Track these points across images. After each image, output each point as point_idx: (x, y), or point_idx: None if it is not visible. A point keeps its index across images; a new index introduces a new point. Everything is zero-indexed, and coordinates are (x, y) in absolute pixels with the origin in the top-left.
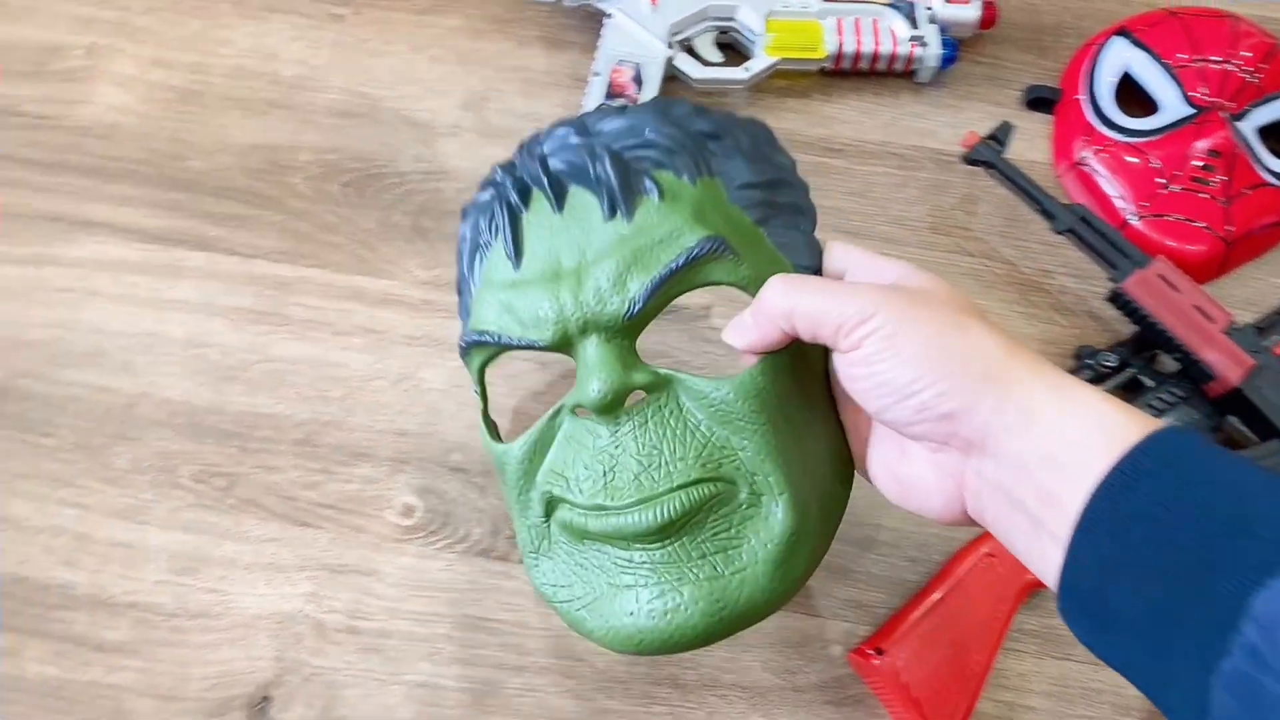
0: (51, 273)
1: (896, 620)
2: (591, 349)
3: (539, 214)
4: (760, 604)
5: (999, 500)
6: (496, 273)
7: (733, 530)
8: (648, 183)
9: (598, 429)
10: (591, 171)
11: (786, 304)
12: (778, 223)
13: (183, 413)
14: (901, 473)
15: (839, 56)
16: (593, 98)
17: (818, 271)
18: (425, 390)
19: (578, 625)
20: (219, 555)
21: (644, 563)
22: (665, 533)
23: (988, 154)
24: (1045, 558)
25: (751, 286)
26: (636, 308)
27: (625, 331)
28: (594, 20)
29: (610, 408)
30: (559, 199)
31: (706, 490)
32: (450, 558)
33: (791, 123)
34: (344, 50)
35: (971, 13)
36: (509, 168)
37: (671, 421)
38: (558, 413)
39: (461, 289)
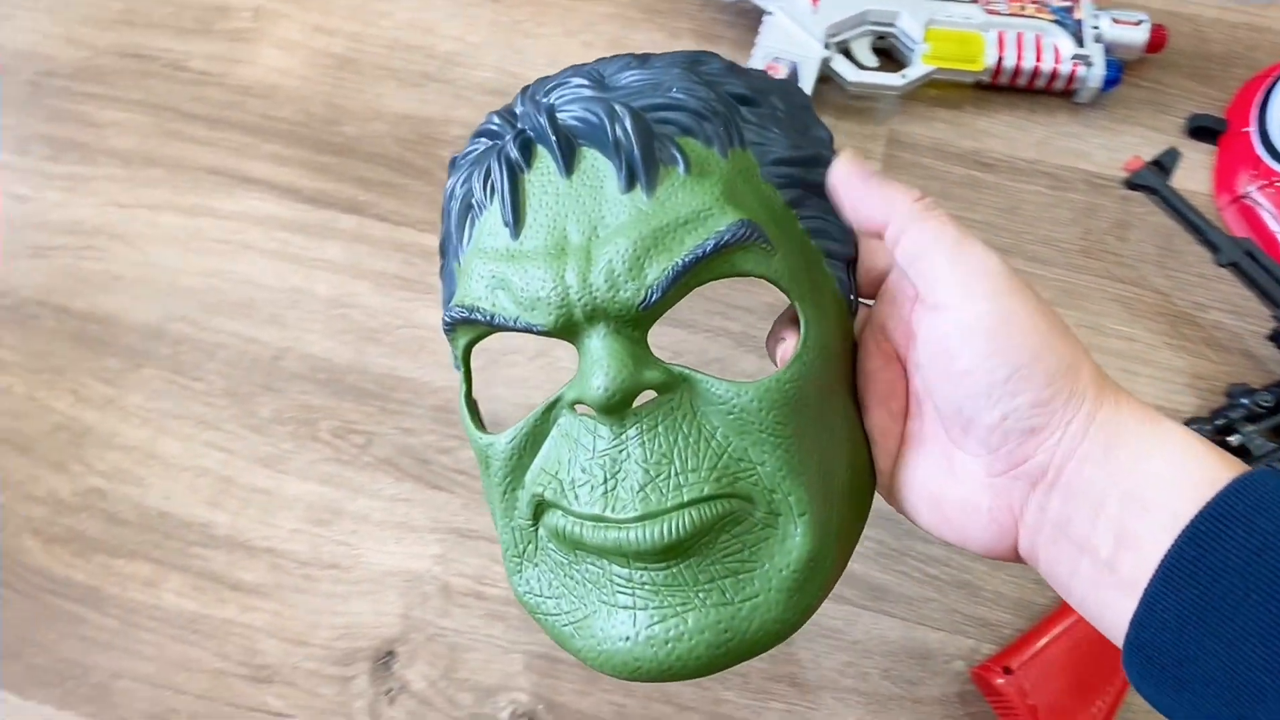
0: (208, 223)
1: (1025, 641)
2: (598, 339)
3: (543, 175)
4: (771, 634)
5: (1060, 540)
6: (490, 240)
7: (745, 552)
8: (674, 151)
9: (600, 429)
10: (609, 133)
11: (870, 204)
12: (812, 205)
13: (325, 369)
14: (945, 494)
15: (997, 70)
16: None
17: (853, 261)
18: (560, 368)
19: (563, 641)
20: (353, 509)
21: (645, 583)
22: (671, 553)
23: (1151, 179)
24: (1110, 606)
25: (785, 279)
26: (654, 297)
27: (637, 322)
28: (747, 16)
29: (616, 408)
30: (568, 161)
31: (720, 508)
32: None
33: (942, 133)
34: (499, 30)
35: (1139, 35)
36: (509, 116)
37: (684, 427)
38: (553, 405)
39: (446, 251)
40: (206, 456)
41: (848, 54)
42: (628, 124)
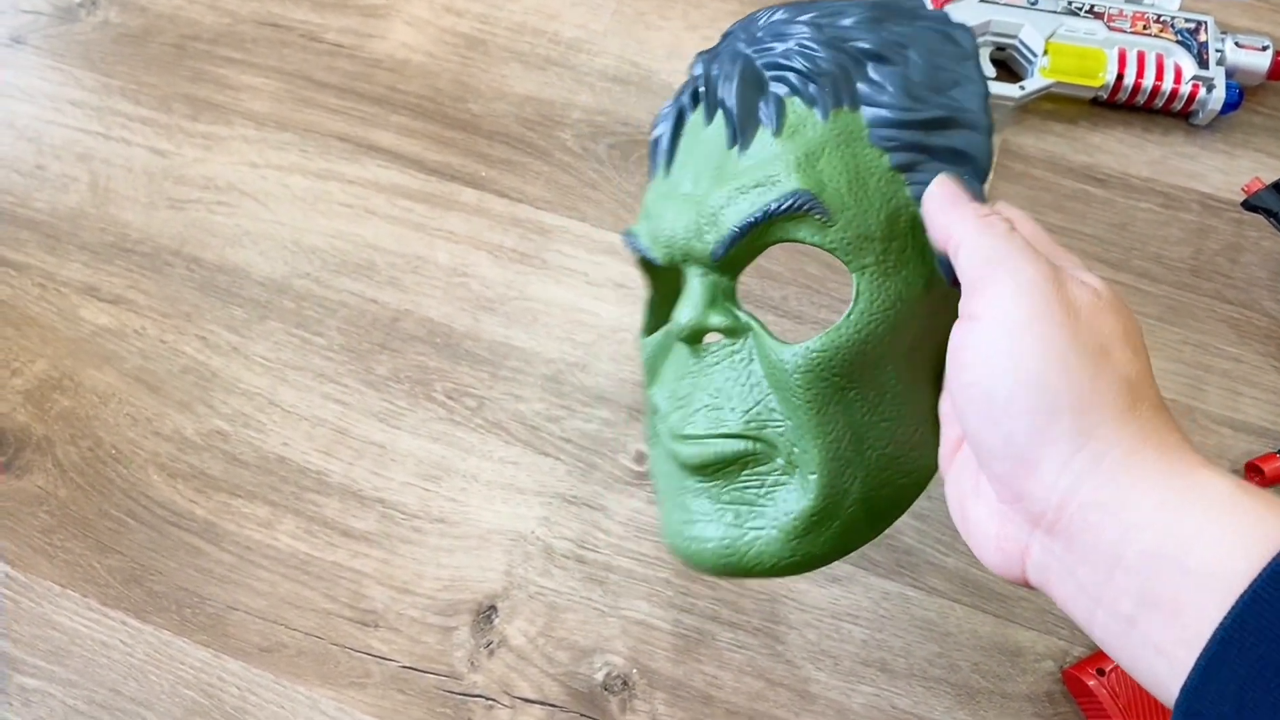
0: (335, 187)
1: None
2: (692, 279)
3: (697, 123)
4: (768, 565)
5: (1068, 583)
6: (657, 174)
7: (762, 490)
8: (768, 112)
9: (685, 353)
10: (719, 90)
11: (943, 221)
12: (929, 170)
13: (441, 333)
14: (966, 508)
15: (1116, 87)
16: None
17: None
18: None
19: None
20: (462, 468)
21: (690, 490)
22: (703, 472)
23: (1271, 201)
24: (1140, 661)
25: (844, 251)
26: (720, 251)
27: (723, 267)
28: None
29: (687, 341)
30: (711, 111)
31: (744, 446)
32: None
33: (1055, 146)
34: (622, 20)
35: (1262, 61)
36: (709, 59)
37: (738, 369)
38: (671, 328)
39: (649, 179)
40: (324, 408)
41: None
42: (734, 84)
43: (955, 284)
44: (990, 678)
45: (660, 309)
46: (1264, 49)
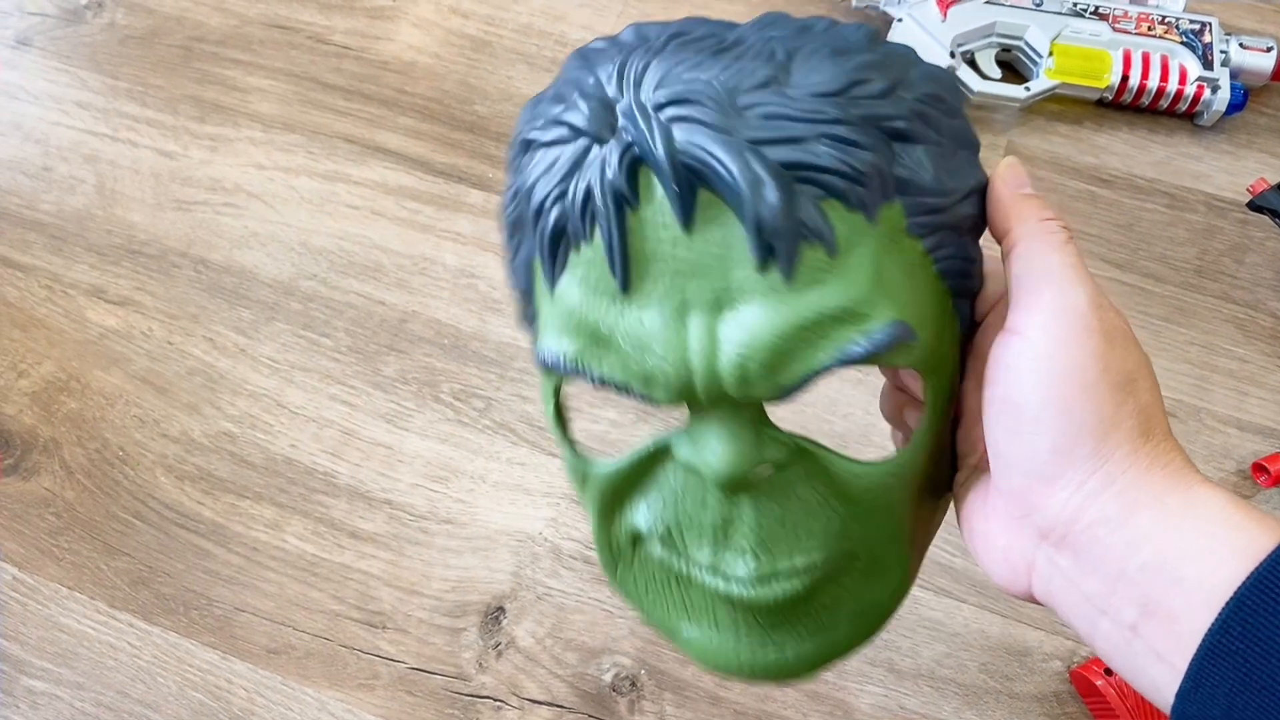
0: (342, 189)
1: None
2: (721, 414)
3: (656, 216)
4: (856, 649)
5: (1073, 594)
6: (592, 282)
7: (848, 596)
8: (818, 224)
9: (713, 490)
10: (750, 204)
11: (1008, 213)
12: (949, 244)
13: (449, 334)
14: (976, 523)
15: (1121, 88)
16: None
17: (976, 295)
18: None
19: (664, 635)
20: (470, 469)
21: (759, 621)
22: (774, 610)
23: (1276, 202)
24: (1141, 670)
25: (925, 365)
26: (787, 396)
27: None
28: (873, 21)
29: (735, 489)
30: (688, 211)
31: (829, 570)
32: None
33: (1060, 147)
34: (628, 21)
35: (1267, 62)
36: (600, 107)
37: (799, 494)
38: (660, 452)
39: (517, 252)
40: (331, 409)
41: (972, 64)
42: (773, 195)
43: (969, 328)
44: (998, 678)
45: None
46: (1269, 50)
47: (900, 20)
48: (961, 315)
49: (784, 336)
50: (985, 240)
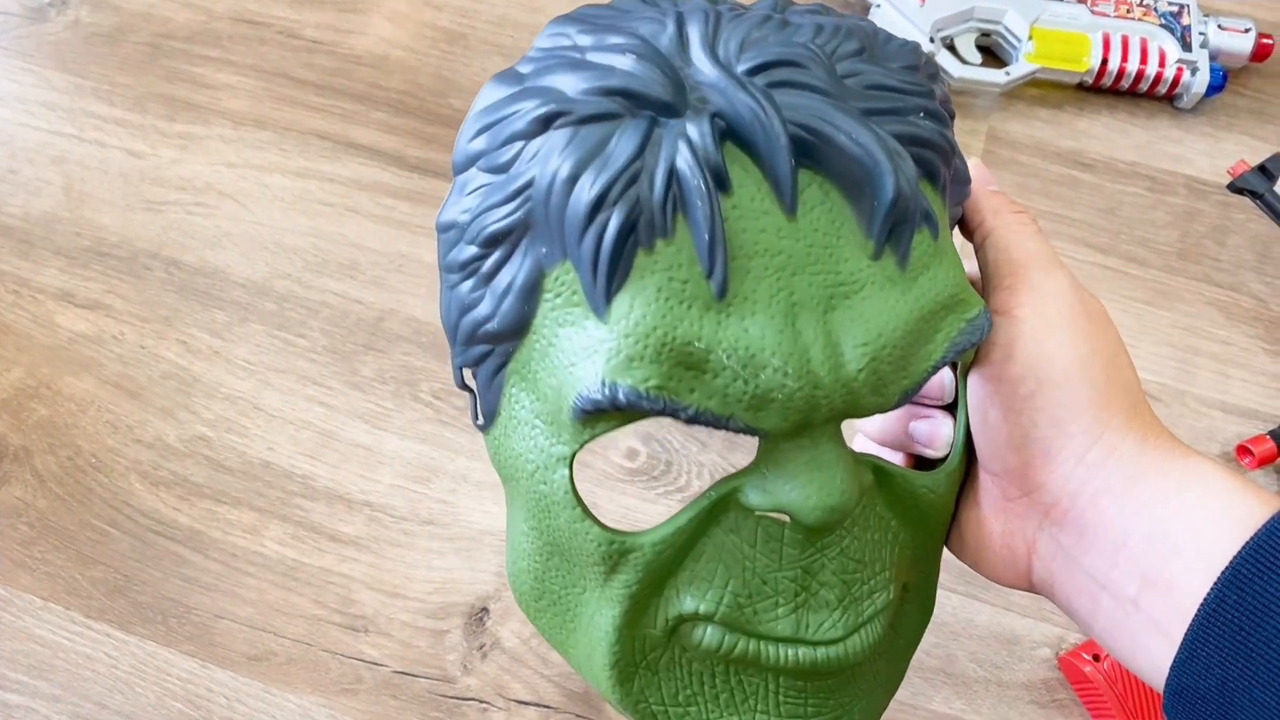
0: (315, 186)
1: None
2: (825, 442)
3: (751, 199)
4: (895, 690)
5: (1076, 574)
6: (676, 284)
7: (891, 633)
8: (928, 207)
9: (790, 536)
10: (885, 167)
11: (980, 205)
12: (950, 211)
13: (427, 332)
14: (964, 517)
15: (1101, 72)
16: None
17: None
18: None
19: None
20: (451, 469)
21: (819, 691)
22: (842, 668)
23: (1256, 183)
24: (1140, 646)
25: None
26: (906, 399)
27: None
28: (852, 8)
29: (834, 527)
30: (796, 188)
31: (895, 605)
32: (669, 504)
33: (1041, 132)
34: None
35: (1245, 43)
36: (658, 65)
37: (874, 524)
38: (718, 504)
39: (509, 286)
40: (308, 411)
41: (951, 49)
42: (912, 172)
43: None
44: (987, 666)
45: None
46: (1246, 31)
47: (878, 6)
48: None
49: (910, 329)
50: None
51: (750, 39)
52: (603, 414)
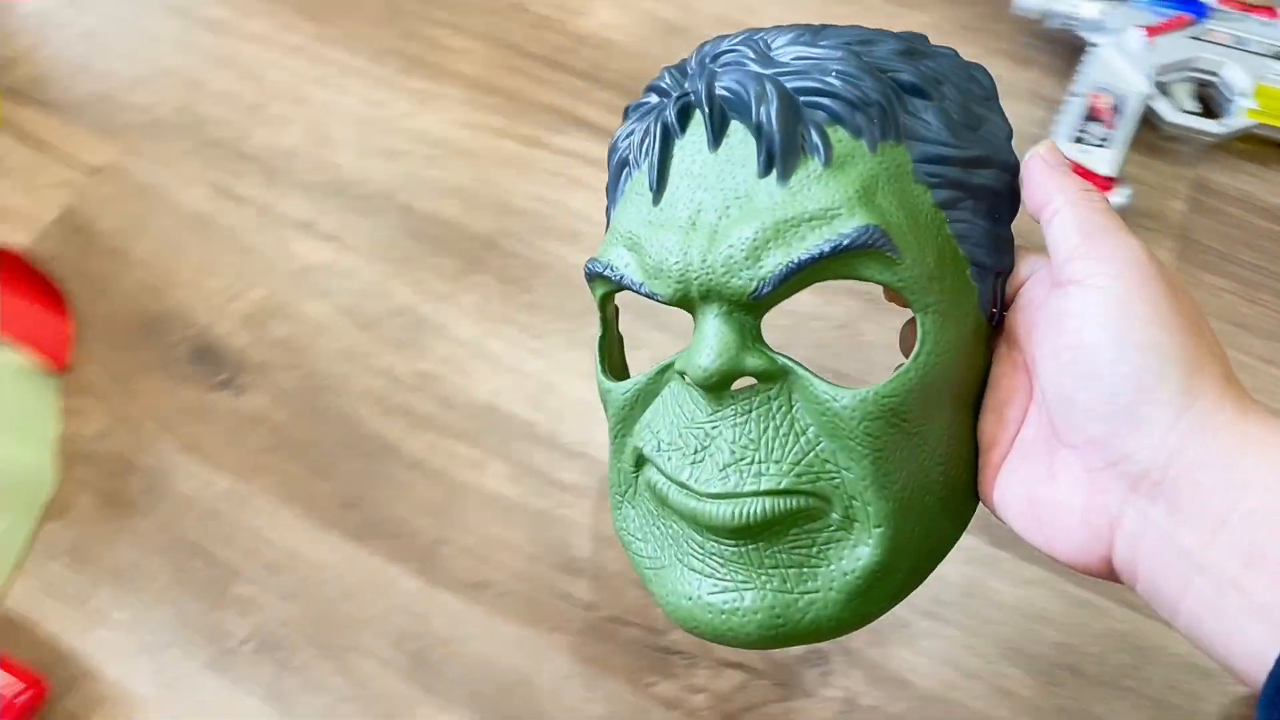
0: (541, 155)
1: None
2: (711, 318)
3: (693, 144)
4: (824, 630)
5: (1167, 552)
6: (636, 199)
7: (814, 549)
8: (817, 140)
9: (700, 401)
10: (754, 113)
11: (1047, 184)
12: (966, 208)
13: (646, 304)
14: (1040, 494)
15: None
16: (1067, 118)
17: (1005, 274)
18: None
19: (646, 583)
20: None
21: (714, 554)
22: (740, 535)
23: None
24: (1238, 634)
25: (913, 289)
26: (765, 289)
27: (751, 306)
28: (1061, 44)
29: (715, 388)
30: (717, 133)
31: (795, 503)
32: None
33: (1249, 185)
34: (822, 15)
35: None
36: (679, 74)
37: (778, 417)
38: (665, 369)
39: (609, 197)
40: (531, 362)
41: (1168, 94)
42: (774, 107)
43: (991, 319)
44: (1183, 695)
45: (617, 350)
46: None
47: (1098, 46)
48: (983, 292)
49: (767, 229)
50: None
51: (724, 42)
52: (592, 277)
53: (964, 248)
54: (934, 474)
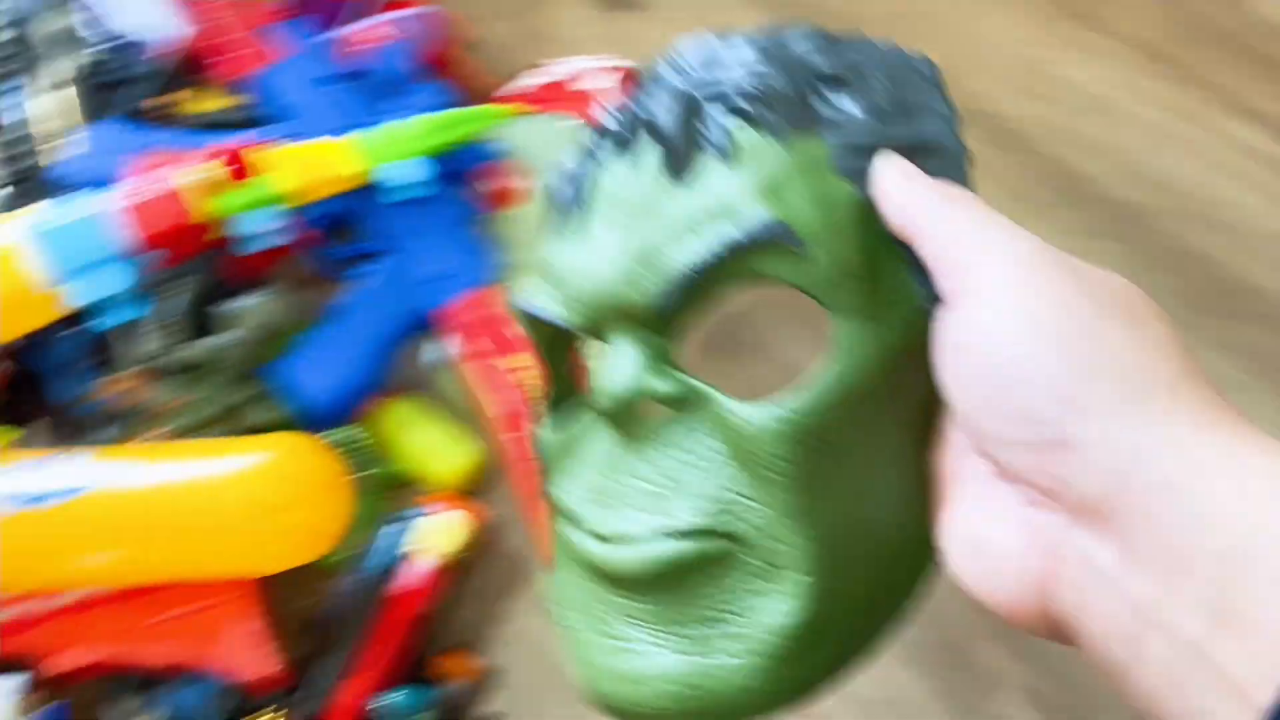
0: (1202, 134)
1: None
2: (616, 343)
3: (615, 168)
4: (745, 705)
5: (1117, 606)
6: (557, 230)
7: (732, 602)
8: (714, 137)
9: (616, 438)
10: (652, 116)
11: (901, 202)
12: None
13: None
14: (981, 533)
15: None
16: None
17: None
18: None
19: (566, 647)
20: None
21: (624, 612)
22: (649, 587)
23: None
24: (1202, 712)
25: (825, 289)
26: (666, 300)
27: (660, 327)
28: None
29: (619, 417)
30: (635, 147)
31: (708, 545)
32: None
33: None
34: None
35: None
36: (633, 101)
37: (695, 449)
38: (587, 405)
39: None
40: None
41: None
42: (669, 106)
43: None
44: None
45: (558, 397)
46: None
47: None
48: (925, 294)
49: (663, 228)
50: None
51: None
52: (519, 316)
53: (897, 246)
54: (874, 512)
